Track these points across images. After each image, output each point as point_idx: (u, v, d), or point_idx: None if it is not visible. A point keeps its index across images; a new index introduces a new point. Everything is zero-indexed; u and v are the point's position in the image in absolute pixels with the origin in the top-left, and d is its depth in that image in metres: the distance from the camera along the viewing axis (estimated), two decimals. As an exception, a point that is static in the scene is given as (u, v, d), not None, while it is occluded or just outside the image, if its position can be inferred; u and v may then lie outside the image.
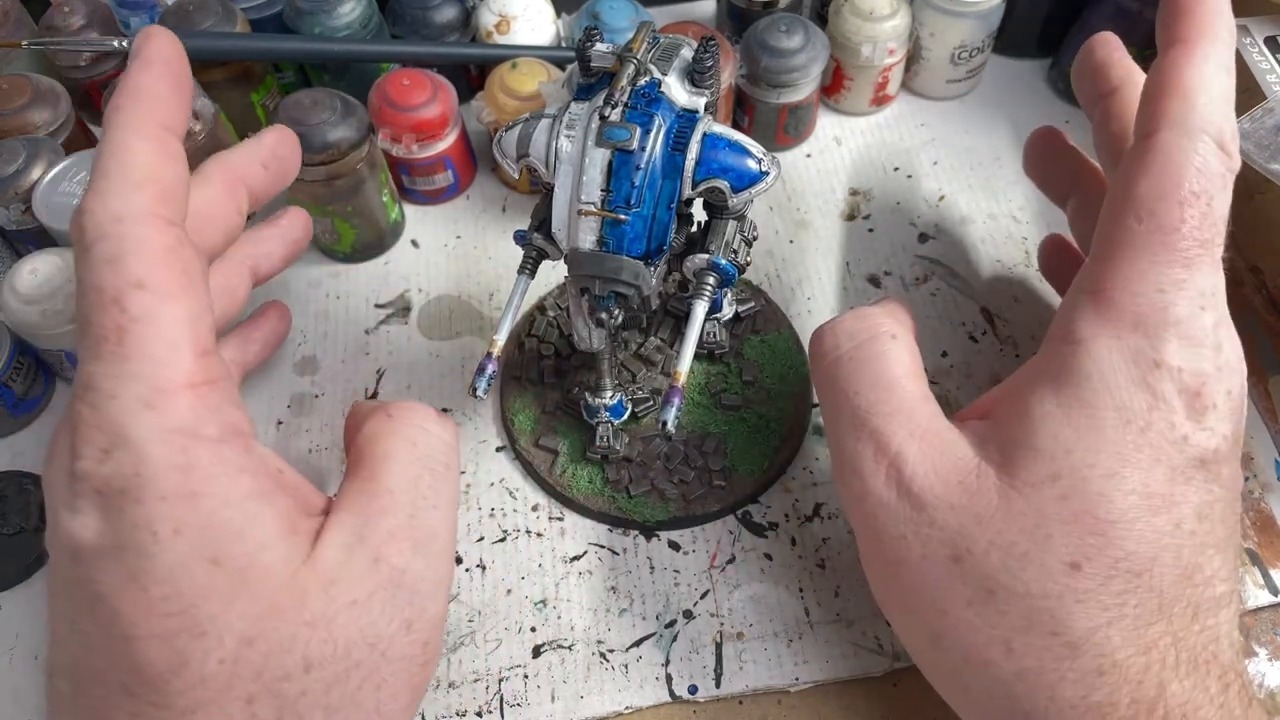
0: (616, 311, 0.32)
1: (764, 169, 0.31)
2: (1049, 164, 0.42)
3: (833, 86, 0.53)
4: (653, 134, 0.30)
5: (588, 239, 0.31)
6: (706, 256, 0.32)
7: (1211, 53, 0.29)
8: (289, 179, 0.36)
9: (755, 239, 0.35)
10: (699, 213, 0.34)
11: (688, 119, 0.31)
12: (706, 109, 0.32)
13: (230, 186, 0.33)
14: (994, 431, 0.30)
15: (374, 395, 0.44)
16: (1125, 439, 0.28)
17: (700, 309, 0.32)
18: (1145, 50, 0.49)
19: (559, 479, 0.41)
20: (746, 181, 0.31)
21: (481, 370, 0.33)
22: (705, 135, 0.31)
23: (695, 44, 0.32)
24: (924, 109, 0.54)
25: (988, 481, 0.29)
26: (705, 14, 0.58)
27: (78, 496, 0.27)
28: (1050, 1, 0.52)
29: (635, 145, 0.30)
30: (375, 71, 0.50)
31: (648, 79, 0.31)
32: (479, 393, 0.32)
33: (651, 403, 0.42)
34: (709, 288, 0.32)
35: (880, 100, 0.53)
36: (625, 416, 0.41)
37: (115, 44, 0.48)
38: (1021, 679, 0.28)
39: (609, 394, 0.40)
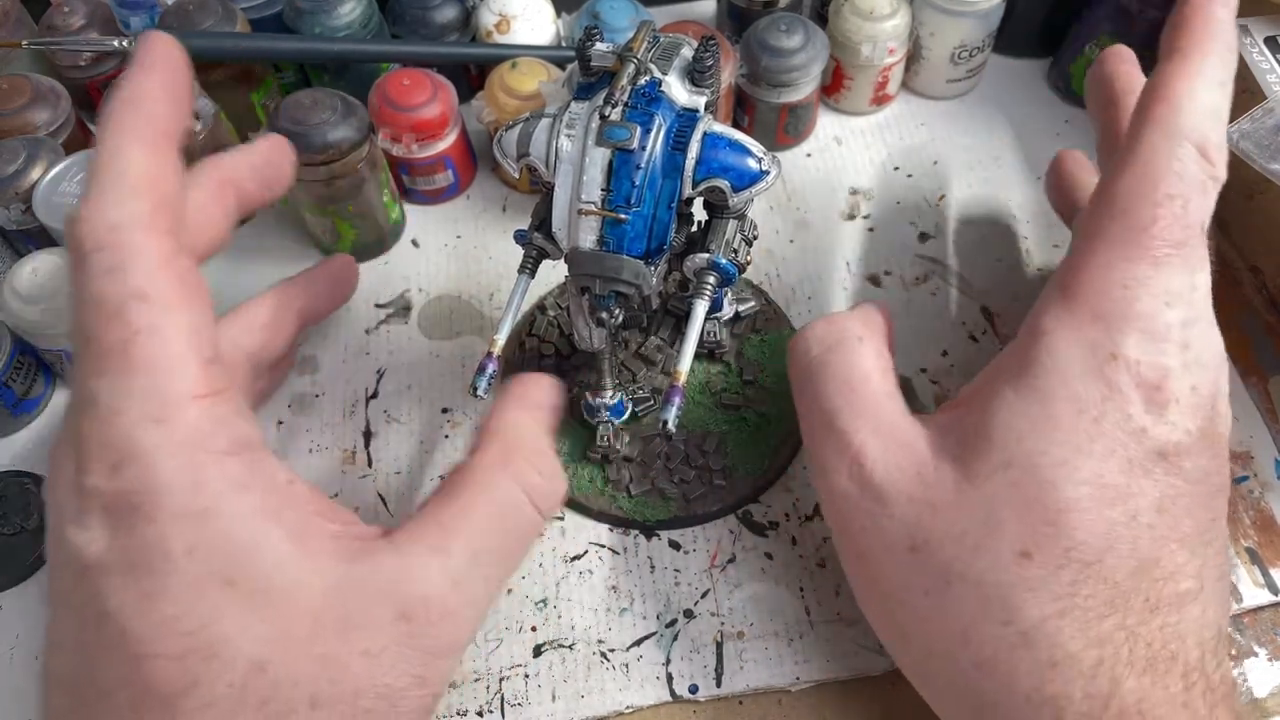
0: (617, 311, 0.32)
1: (764, 168, 0.31)
2: (1062, 191, 0.43)
3: (833, 86, 0.53)
4: (653, 133, 0.30)
5: (588, 238, 0.31)
6: (707, 256, 0.32)
7: (1205, 66, 0.30)
8: (281, 187, 0.35)
9: (755, 238, 0.35)
10: (699, 212, 0.34)
11: (688, 118, 0.31)
12: (707, 108, 0.32)
13: (220, 190, 0.32)
14: (957, 423, 0.30)
15: (374, 396, 0.44)
16: (1079, 429, 0.28)
17: (700, 308, 0.32)
18: (1144, 50, 0.49)
19: (559, 478, 0.41)
20: (747, 181, 0.31)
21: (482, 370, 0.33)
22: (705, 134, 0.31)
23: (695, 43, 0.32)
24: (924, 109, 0.54)
25: (944, 473, 0.29)
26: (705, 13, 0.58)
27: (86, 512, 0.26)
28: (1050, 1, 0.52)
29: (635, 144, 0.30)
30: (375, 71, 0.50)
31: (648, 78, 0.31)
32: (479, 392, 0.32)
33: (652, 402, 0.42)
34: (709, 287, 0.32)
35: (880, 100, 0.53)
36: (626, 416, 0.41)
37: (115, 44, 0.48)
38: (979, 669, 0.28)
39: (609, 393, 0.40)
